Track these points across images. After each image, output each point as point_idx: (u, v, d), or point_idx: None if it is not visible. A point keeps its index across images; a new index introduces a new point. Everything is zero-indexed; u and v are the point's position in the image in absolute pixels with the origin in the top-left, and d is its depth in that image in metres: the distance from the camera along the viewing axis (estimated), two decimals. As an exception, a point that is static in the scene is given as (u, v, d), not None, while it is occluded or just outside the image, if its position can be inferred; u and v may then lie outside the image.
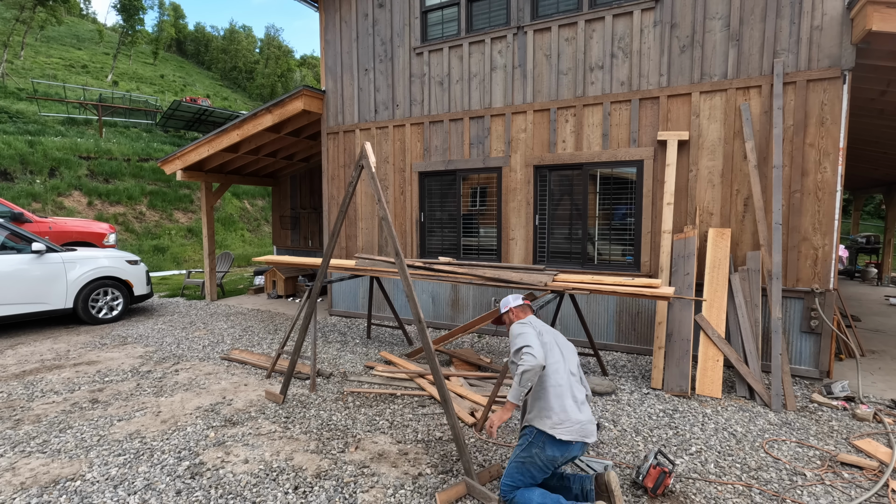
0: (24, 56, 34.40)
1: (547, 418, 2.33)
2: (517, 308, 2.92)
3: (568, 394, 2.40)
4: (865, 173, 10.74)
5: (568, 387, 2.42)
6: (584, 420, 2.38)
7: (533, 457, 2.34)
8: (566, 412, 2.34)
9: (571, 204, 5.66)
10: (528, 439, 2.38)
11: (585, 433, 2.36)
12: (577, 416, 2.36)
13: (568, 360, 2.56)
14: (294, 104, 6.92)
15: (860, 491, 2.73)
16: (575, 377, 2.54)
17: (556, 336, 2.68)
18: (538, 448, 2.33)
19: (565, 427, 2.32)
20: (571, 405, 2.38)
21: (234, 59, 60.15)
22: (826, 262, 4.45)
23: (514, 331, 2.53)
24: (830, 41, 4.34)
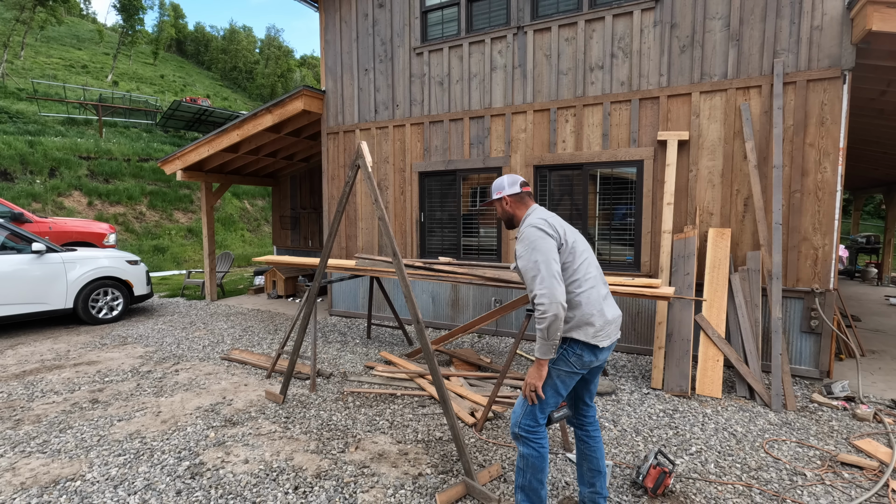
0: (24, 56, 34.40)
1: (588, 326, 2.13)
2: (513, 198, 2.42)
3: (600, 293, 2.20)
4: (865, 173, 10.74)
5: (600, 285, 2.23)
6: (617, 316, 2.25)
7: (571, 366, 2.15)
8: (604, 316, 2.16)
9: (571, 204, 5.66)
10: (562, 352, 2.17)
11: (617, 332, 2.26)
12: (612, 314, 2.21)
13: (590, 251, 2.31)
14: (294, 104, 6.92)
15: (860, 491, 2.73)
16: (599, 268, 2.33)
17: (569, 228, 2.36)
18: (576, 356, 2.15)
19: (605, 332, 2.16)
20: (607, 306, 2.21)
21: (234, 60, 60.16)
22: (826, 262, 4.45)
23: (526, 239, 2.14)
24: (830, 41, 4.34)
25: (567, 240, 2.18)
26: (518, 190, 2.41)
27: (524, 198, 2.41)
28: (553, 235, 2.15)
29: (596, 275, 2.24)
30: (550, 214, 2.28)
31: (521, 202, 2.40)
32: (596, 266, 2.27)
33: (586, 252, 2.25)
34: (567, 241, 2.18)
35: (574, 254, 2.18)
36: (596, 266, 2.27)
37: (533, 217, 2.25)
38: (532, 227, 2.18)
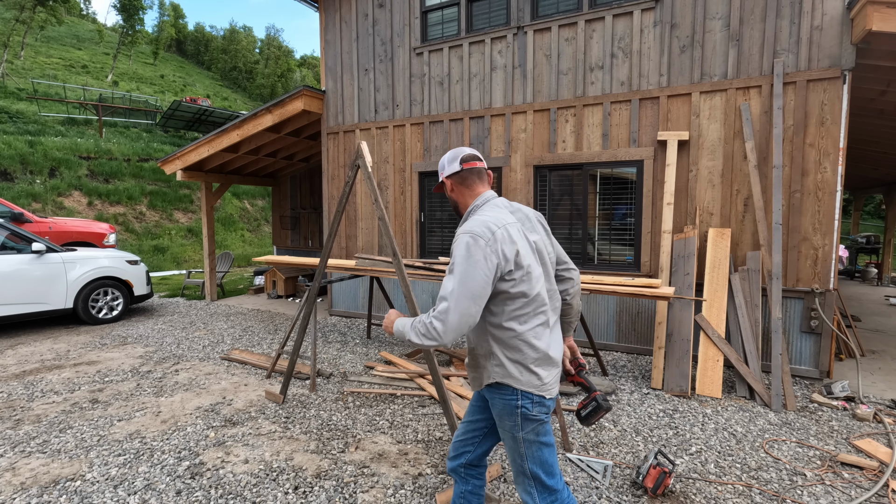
0: (24, 56, 34.41)
1: (530, 374, 1.66)
2: (454, 180, 1.81)
3: (546, 331, 1.71)
4: (865, 173, 10.74)
5: (552, 316, 1.75)
6: (559, 356, 1.77)
7: (537, 418, 1.70)
8: (550, 360, 1.70)
9: (571, 204, 5.66)
10: (514, 406, 1.68)
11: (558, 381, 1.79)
12: (556, 356, 1.74)
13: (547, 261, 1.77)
14: (294, 104, 6.92)
15: (860, 491, 2.73)
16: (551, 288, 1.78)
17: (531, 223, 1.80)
18: (538, 406, 1.69)
19: (552, 378, 1.71)
20: (555, 343, 1.74)
21: (234, 60, 60.18)
22: (826, 262, 4.45)
23: (457, 252, 1.59)
24: (830, 41, 4.34)
25: (521, 262, 1.61)
26: (458, 168, 1.78)
27: (469, 179, 1.79)
28: (492, 258, 1.56)
29: (550, 304, 1.74)
30: (501, 215, 1.68)
31: (465, 185, 1.80)
32: (549, 286, 1.76)
33: (542, 275, 1.72)
34: (521, 263, 1.61)
35: (527, 281, 1.63)
36: (549, 286, 1.76)
37: (475, 220, 1.63)
38: (469, 235, 1.59)
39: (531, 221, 1.79)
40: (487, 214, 1.67)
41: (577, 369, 1.99)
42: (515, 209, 1.79)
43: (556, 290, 1.81)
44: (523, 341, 1.66)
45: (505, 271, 1.59)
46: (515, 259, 1.61)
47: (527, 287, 1.63)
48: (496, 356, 1.69)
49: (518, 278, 1.62)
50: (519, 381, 1.68)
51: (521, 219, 1.76)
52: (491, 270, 1.56)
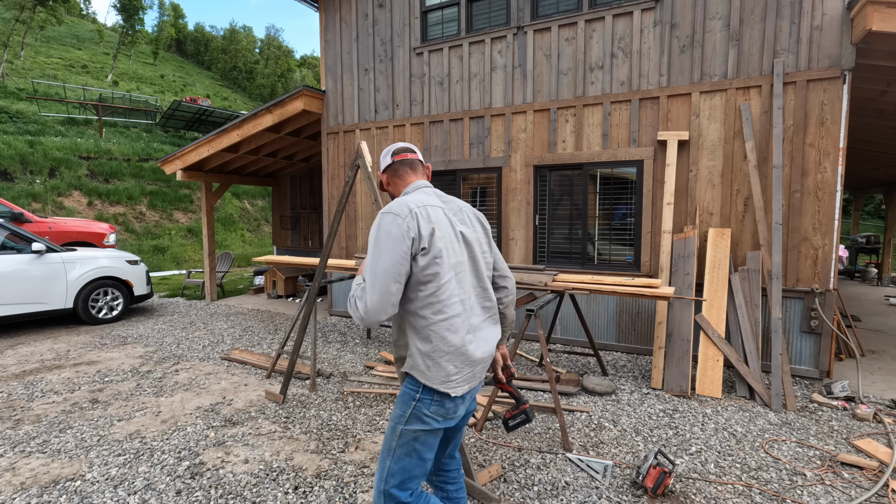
0: (24, 56, 34.41)
1: (437, 368, 1.60)
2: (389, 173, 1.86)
3: (469, 324, 1.65)
4: (865, 173, 10.74)
5: (471, 312, 1.67)
6: (487, 355, 1.71)
7: (429, 421, 1.63)
8: (466, 355, 1.62)
9: (571, 204, 5.66)
10: (412, 398, 1.65)
11: (482, 375, 1.74)
12: (481, 353, 1.67)
13: (478, 256, 1.73)
14: (294, 104, 6.92)
15: (860, 491, 2.73)
16: (480, 285, 1.73)
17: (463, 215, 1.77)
18: (436, 405, 1.63)
19: (462, 377, 1.63)
20: (476, 342, 1.66)
21: (234, 59, 60.19)
22: (826, 262, 4.45)
23: (374, 229, 1.60)
24: (830, 41, 4.34)
25: (433, 244, 1.56)
26: (390, 161, 1.83)
27: (401, 170, 1.82)
28: (409, 233, 1.55)
29: (470, 297, 1.67)
30: (426, 198, 1.67)
31: (397, 176, 1.82)
32: (477, 283, 1.72)
33: (463, 264, 1.66)
34: (432, 245, 1.56)
35: (440, 264, 1.57)
36: (477, 283, 1.72)
37: (396, 201, 1.65)
38: (387, 213, 1.59)
39: (464, 213, 1.77)
40: (411, 196, 1.67)
41: (507, 378, 1.99)
42: (448, 200, 1.77)
43: (489, 291, 1.76)
44: (434, 332, 1.60)
45: (418, 249, 1.55)
46: (430, 238, 1.56)
47: (439, 270, 1.57)
48: (409, 345, 1.65)
49: (429, 260, 1.56)
50: (424, 374, 1.61)
51: (453, 208, 1.75)
52: (408, 246, 1.54)
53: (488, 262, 1.81)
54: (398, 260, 1.53)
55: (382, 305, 1.52)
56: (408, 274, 1.56)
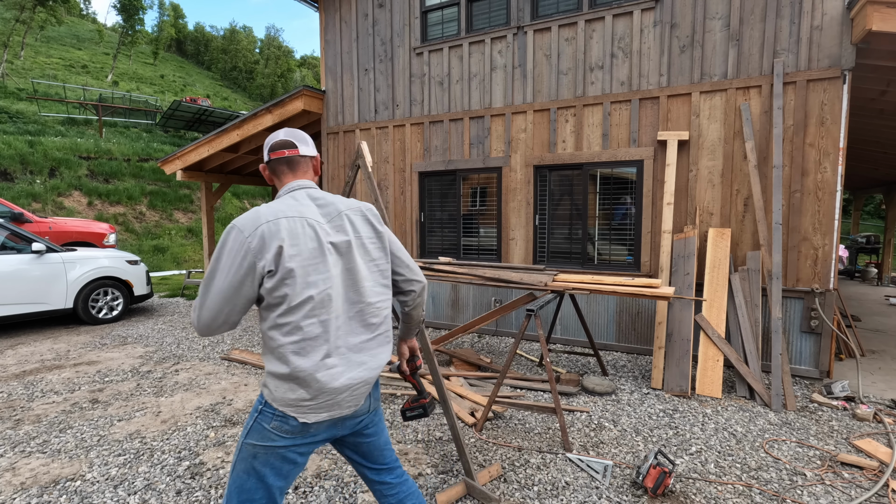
0: (24, 56, 34.41)
1: (288, 389, 1.44)
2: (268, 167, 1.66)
3: (322, 349, 1.44)
4: (865, 173, 10.74)
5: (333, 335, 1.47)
6: (356, 384, 1.51)
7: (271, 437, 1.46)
8: (319, 383, 1.43)
9: (571, 204, 5.66)
10: (256, 408, 1.51)
11: (351, 402, 1.52)
12: (345, 381, 1.48)
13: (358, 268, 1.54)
14: (294, 104, 6.92)
15: (860, 491, 2.73)
16: (362, 301, 1.54)
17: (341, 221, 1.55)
18: (278, 421, 1.46)
19: (318, 402, 1.45)
20: (340, 367, 1.47)
21: (234, 60, 60.22)
22: (826, 262, 4.45)
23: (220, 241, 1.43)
24: (830, 41, 4.34)
25: (281, 265, 1.39)
26: (266, 158, 1.65)
27: (278, 169, 1.63)
28: (249, 254, 1.38)
29: (339, 317, 1.49)
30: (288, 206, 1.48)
31: (276, 175, 1.65)
32: (356, 298, 1.53)
33: (331, 279, 1.47)
34: (280, 266, 1.39)
35: (290, 285, 1.40)
36: (356, 298, 1.53)
37: (252, 211, 1.46)
38: (232, 227, 1.42)
39: (343, 219, 1.55)
40: (273, 205, 1.48)
41: (412, 370, 1.94)
42: (327, 203, 1.56)
43: (377, 306, 1.58)
44: (283, 354, 1.42)
45: (264, 272, 1.39)
46: (277, 259, 1.38)
47: (288, 292, 1.40)
48: (266, 364, 1.49)
49: (276, 282, 1.39)
50: (272, 394, 1.46)
51: (329, 213, 1.54)
52: (244, 269, 1.38)
53: (382, 270, 1.62)
54: (234, 284, 1.38)
55: (213, 325, 1.41)
56: (249, 298, 1.41)
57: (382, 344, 1.60)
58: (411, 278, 1.73)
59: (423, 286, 1.77)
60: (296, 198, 1.54)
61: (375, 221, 1.64)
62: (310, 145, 1.68)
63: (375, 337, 1.58)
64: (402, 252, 1.73)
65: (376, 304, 1.58)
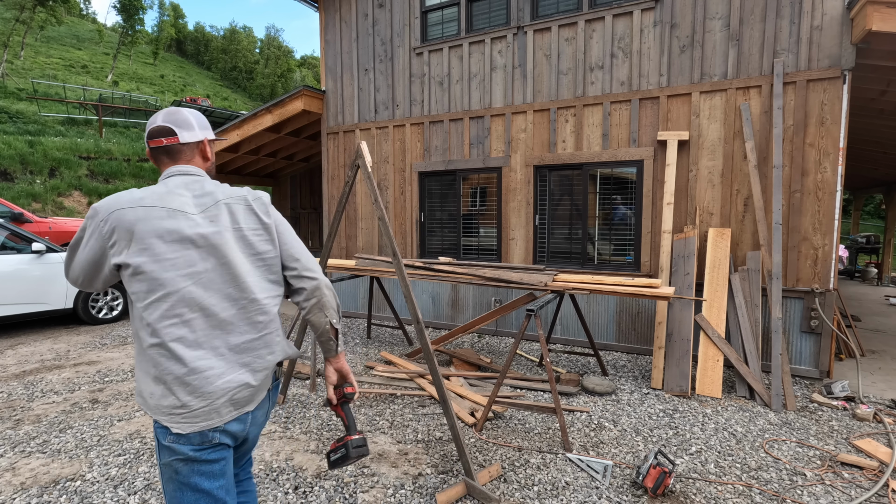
0: (24, 56, 34.42)
1: (161, 395, 1.33)
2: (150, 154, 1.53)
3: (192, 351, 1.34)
4: (865, 173, 10.74)
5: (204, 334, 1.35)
6: (238, 387, 1.39)
7: (175, 451, 1.35)
8: (189, 385, 1.32)
9: (571, 204, 5.66)
10: (154, 425, 1.40)
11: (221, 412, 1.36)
12: (224, 384, 1.36)
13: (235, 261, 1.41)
14: (294, 104, 6.92)
15: (860, 491, 2.73)
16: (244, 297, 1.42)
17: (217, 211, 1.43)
18: (164, 440, 1.36)
19: (191, 411, 1.33)
20: (218, 368, 1.36)
21: (234, 60, 60.24)
22: (826, 262, 4.45)
23: None
24: (830, 41, 4.34)
25: (133, 258, 1.30)
26: (147, 147, 1.52)
27: (157, 158, 1.51)
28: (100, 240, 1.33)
29: (216, 315, 1.37)
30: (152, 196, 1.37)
31: (157, 163, 1.53)
32: (236, 294, 1.41)
33: (200, 275, 1.36)
34: (131, 259, 1.30)
35: (142, 280, 1.31)
36: (236, 294, 1.41)
37: (112, 197, 1.37)
38: (94, 208, 1.36)
39: (219, 209, 1.43)
40: (140, 191, 1.39)
41: (340, 399, 1.61)
42: (203, 192, 1.44)
43: (264, 302, 1.46)
44: (151, 356, 1.33)
45: (113, 264, 1.34)
46: (125, 250, 1.31)
47: (144, 287, 1.31)
48: (137, 368, 1.39)
49: (129, 276, 1.33)
50: (146, 401, 1.36)
51: (203, 203, 1.42)
52: (97, 252, 1.35)
53: (269, 265, 1.50)
54: (91, 262, 1.36)
55: (78, 285, 1.45)
56: (108, 280, 1.40)
57: (271, 344, 1.47)
58: (302, 274, 1.53)
59: (318, 284, 1.53)
60: (167, 185, 1.42)
61: (261, 211, 1.51)
62: (194, 129, 1.51)
63: (262, 336, 1.45)
64: (293, 243, 1.56)
65: (263, 300, 1.45)
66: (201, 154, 1.55)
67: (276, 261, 1.52)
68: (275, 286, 1.51)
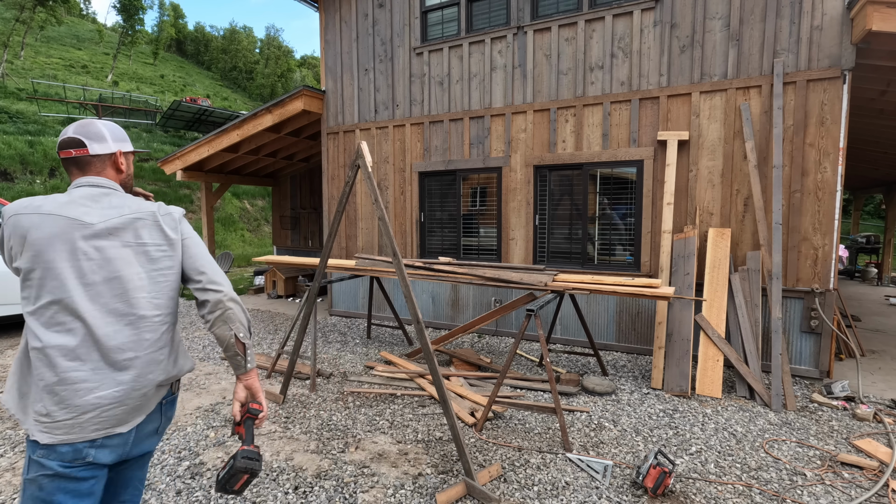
0: (24, 56, 34.41)
1: (30, 402, 1.33)
2: None
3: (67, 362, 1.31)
4: (865, 173, 10.74)
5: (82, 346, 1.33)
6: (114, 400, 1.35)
7: (42, 466, 1.32)
8: (56, 395, 1.30)
9: (571, 204, 5.66)
10: (28, 445, 1.37)
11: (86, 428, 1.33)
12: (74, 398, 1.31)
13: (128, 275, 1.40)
14: (294, 104, 6.92)
15: (860, 491, 2.73)
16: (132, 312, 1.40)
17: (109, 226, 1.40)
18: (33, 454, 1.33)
19: (56, 422, 1.30)
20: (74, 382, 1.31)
21: (234, 60, 60.22)
22: (826, 262, 4.45)
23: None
24: (830, 41, 4.34)
25: (24, 264, 1.32)
26: (59, 156, 1.52)
27: (68, 168, 1.51)
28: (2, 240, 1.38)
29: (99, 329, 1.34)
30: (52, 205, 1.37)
31: (68, 173, 1.52)
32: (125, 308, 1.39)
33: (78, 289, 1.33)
34: (23, 265, 1.33)
35: (30, 287, 1.33)
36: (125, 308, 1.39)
37: (21, 200, 1.40)
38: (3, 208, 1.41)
39: (121, 223, 1.42)
40: (42, 198, 1.39)
41: (244, 415, 1.55)
42: (109, 206, 1.43)
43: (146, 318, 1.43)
44: (31, 360, 1.33)
45: (14, 265, 1.36)
46: (17, 255, 1.34)
47: (31, 294, 1.33)
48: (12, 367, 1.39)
49: (21, 280, 1.35)
50: (14, 399, 1.35)
51: (105, 217, 1.41)
52: (5, 253, 1.38)
53: (170, 281, 1.49)
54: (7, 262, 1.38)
55: None
56: None
57: (153, 363, 1.44)
58: (206, 287, 1.50)
59: (222, 297, 1.49)
60: (71, 195, 1.42)
61: (168, 227, 1.50)
62: (106, 141, 1.50)
63: (147, 354, 1.42)
64: (199, 257, 1.54)
65: (153, 317, 1.44)
66: (114, 166, 1.53)
67: (177, 278, 1.52)
68: (172, 303, 1.51)
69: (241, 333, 1.52)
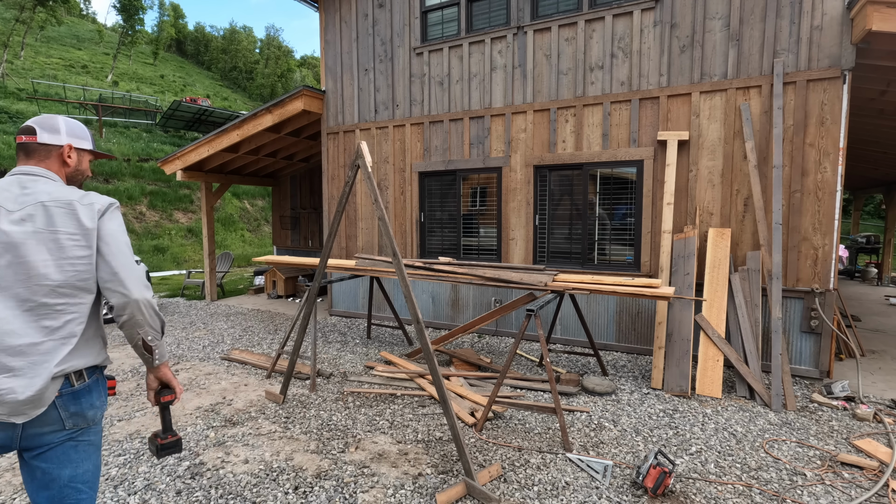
0: (24, 56, 34.41)
1: None
2: None
3: None
4: (865, 173, 10.74)
5: None
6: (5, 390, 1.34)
7: None
8: None
9: (571, 204, 5.66)
10: None
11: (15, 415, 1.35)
12: None
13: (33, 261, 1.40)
14: (294, 104, 6.92)
15: (860, 491, 2.73)
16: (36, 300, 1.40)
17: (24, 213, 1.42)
18: None
19: None
20: None
21: (234, 60, 60.20)
22: (826, 262, 4.45)
23: None
24: (830, 41, 4.34)
25: None
26: None
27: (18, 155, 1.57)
28: None
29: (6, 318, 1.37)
30: None
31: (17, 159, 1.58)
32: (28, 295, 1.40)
33: None
34: None
35: None
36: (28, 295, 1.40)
37: None
38: None
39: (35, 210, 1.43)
40: None
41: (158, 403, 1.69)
42: (30, 192, 1.45)
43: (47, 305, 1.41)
44: None
45: None
46: None
47: None
48: None
49: None
50: None
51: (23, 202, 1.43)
52: None
53: (79, 270, 1.45)
54: None
55: None
56: None
57: (52, 351, 1.41)
58: (115, 289, 1.48)
59: (128, 302, 1.48)
60: (7, 179, 1.47)
61: (85, 216, 1.47)
62: (59, 134, 1.56)
63: (45, 342, 1.40)
64: (115, 256, 1.50)
65: (55, 305, 1.42)
66: (59, 158, 1.56)
67: (88, 267, 1.48)
68: (78, 292, 1.46)
69: (150, 337, 1.53)
